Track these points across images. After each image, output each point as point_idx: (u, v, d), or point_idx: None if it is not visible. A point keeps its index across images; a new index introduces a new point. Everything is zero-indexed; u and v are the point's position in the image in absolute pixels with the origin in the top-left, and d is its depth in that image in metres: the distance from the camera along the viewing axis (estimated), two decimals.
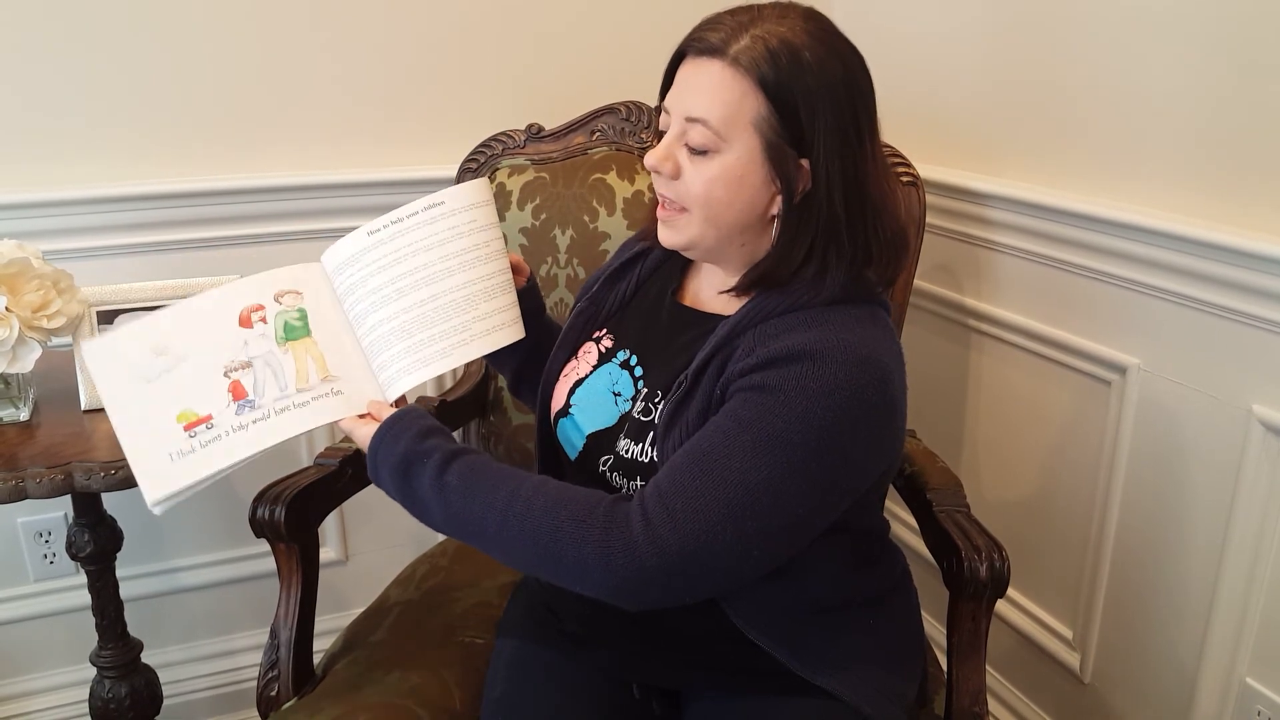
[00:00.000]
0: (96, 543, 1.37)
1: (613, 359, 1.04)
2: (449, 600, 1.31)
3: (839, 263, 0.91)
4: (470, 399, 1.52)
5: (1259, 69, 1.13)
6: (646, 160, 0.92)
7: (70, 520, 1.39)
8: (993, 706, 1.63)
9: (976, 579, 1.05)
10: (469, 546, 0.95)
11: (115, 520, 1.40)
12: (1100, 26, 1.32)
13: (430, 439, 0.92)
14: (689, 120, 0.89)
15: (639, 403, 0.99)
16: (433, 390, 1.59)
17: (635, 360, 1.03)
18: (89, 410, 1.28)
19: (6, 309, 1.17)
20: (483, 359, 1.07)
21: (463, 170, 1.55)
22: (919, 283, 1.59)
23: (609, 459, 0.99)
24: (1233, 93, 1.16)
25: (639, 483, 0.96)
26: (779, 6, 0.91)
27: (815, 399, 0.84)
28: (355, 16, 1.60)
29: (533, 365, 1.13)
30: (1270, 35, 1.11)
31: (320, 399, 0.97)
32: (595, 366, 1.05)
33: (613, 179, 1.48)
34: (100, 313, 1.30)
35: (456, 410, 1.49)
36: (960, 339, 1.65)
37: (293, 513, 1.14)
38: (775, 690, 0.98)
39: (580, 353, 1.08)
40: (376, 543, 1.85)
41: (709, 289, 1.01)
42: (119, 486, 1.13)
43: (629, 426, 0.99)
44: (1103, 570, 1.44)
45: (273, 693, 1.15)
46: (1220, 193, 1.19)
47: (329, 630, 1.42)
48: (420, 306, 0.98)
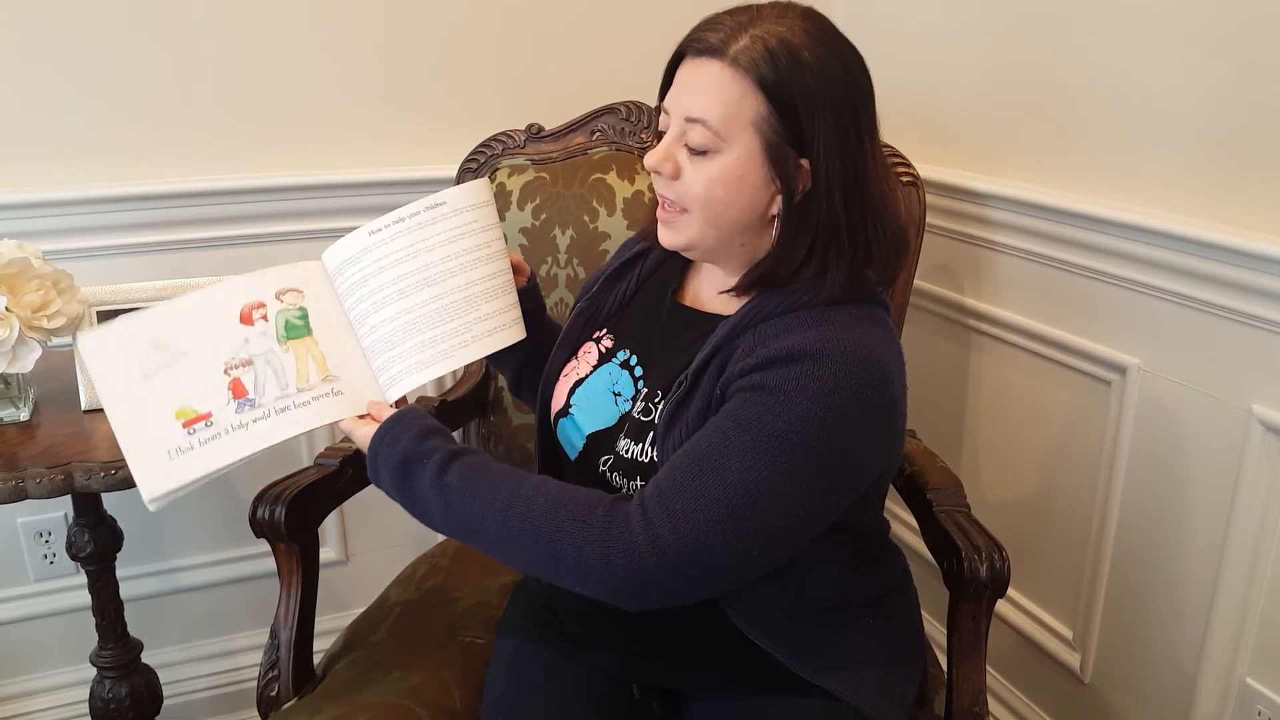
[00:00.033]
0: (96, 543, 1.37)
1: (613, 359, 1.04)
2: (449, 600, 1.31)
3: (839, 263, 0.91)
4: (470, 399, 1.52)
5: (1259, 69, 1.13)
6: (646, 161, 0.92)
7: (70, 520, 1.39)
8: (993, 706, 1.63)
9: (976, 579, 1.05)
10: (469, 547, 0.95)
11: (115, 520, 1.40)
12: (1100, 26, 1.31)
13: (430, 439, 0.92)
14: (689, 120, 0.89)
15: (639, 403, 0.99)
16: (433, 390, 1.58)
17: (635, 360, 1.02)
18: (89, 410, 1.28)
19: (6, 309, 1.17)
20: (483, 359, 1.07)
21: (463, 170, 1.55)
22: (919, 283, 1.59)
23: (609, 459, 0.99)
24: (1233, 93, 1.16)
25: (639, 483, 0.96)
26: (778, 6, 0.91)
27: (815, 399, 0.84)
28: (355, 16, 1.60)
29: (533, 365, 1.13)
30: (1270, 35, 1.11)
31: (320, 399, 0.97)
32: (595, 366, 1.05)
33: (613, 179, 1.48)
34: (100, 313, 1.30)
35: (456, 410, 1.49)
36: (960, 339, 1.65)
37: (293, 513, 1.14)
38: (775, 690, 0.98)
39: (580, 353, 1.08)
40: (376, 543, 1.85)
41: (709, 289, 1.01)
42: (119, 486, 1.13)
43: (629, 426, 0.99)
44: (1103, 570, 1.44)
45: (273, 693, 1.15)
46: (1220, 193, 1.19)
47: (329, 630, 1.42)
48: (422, 307, 0.97)
